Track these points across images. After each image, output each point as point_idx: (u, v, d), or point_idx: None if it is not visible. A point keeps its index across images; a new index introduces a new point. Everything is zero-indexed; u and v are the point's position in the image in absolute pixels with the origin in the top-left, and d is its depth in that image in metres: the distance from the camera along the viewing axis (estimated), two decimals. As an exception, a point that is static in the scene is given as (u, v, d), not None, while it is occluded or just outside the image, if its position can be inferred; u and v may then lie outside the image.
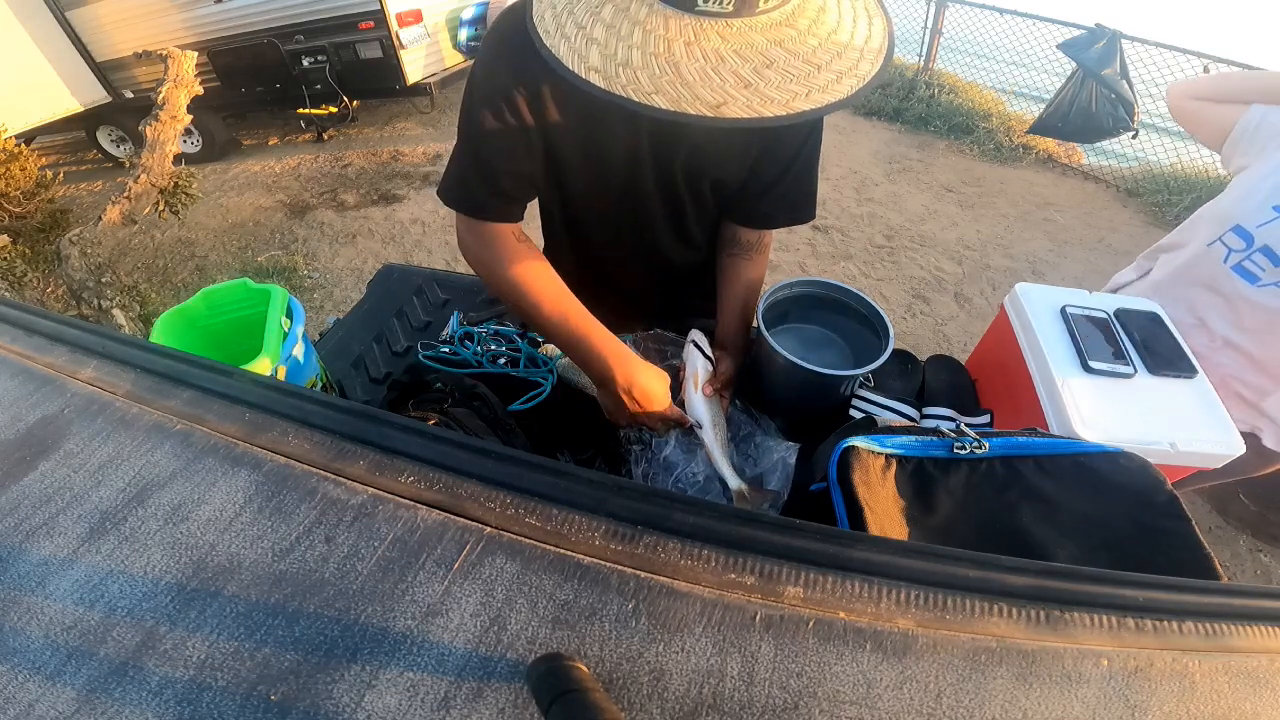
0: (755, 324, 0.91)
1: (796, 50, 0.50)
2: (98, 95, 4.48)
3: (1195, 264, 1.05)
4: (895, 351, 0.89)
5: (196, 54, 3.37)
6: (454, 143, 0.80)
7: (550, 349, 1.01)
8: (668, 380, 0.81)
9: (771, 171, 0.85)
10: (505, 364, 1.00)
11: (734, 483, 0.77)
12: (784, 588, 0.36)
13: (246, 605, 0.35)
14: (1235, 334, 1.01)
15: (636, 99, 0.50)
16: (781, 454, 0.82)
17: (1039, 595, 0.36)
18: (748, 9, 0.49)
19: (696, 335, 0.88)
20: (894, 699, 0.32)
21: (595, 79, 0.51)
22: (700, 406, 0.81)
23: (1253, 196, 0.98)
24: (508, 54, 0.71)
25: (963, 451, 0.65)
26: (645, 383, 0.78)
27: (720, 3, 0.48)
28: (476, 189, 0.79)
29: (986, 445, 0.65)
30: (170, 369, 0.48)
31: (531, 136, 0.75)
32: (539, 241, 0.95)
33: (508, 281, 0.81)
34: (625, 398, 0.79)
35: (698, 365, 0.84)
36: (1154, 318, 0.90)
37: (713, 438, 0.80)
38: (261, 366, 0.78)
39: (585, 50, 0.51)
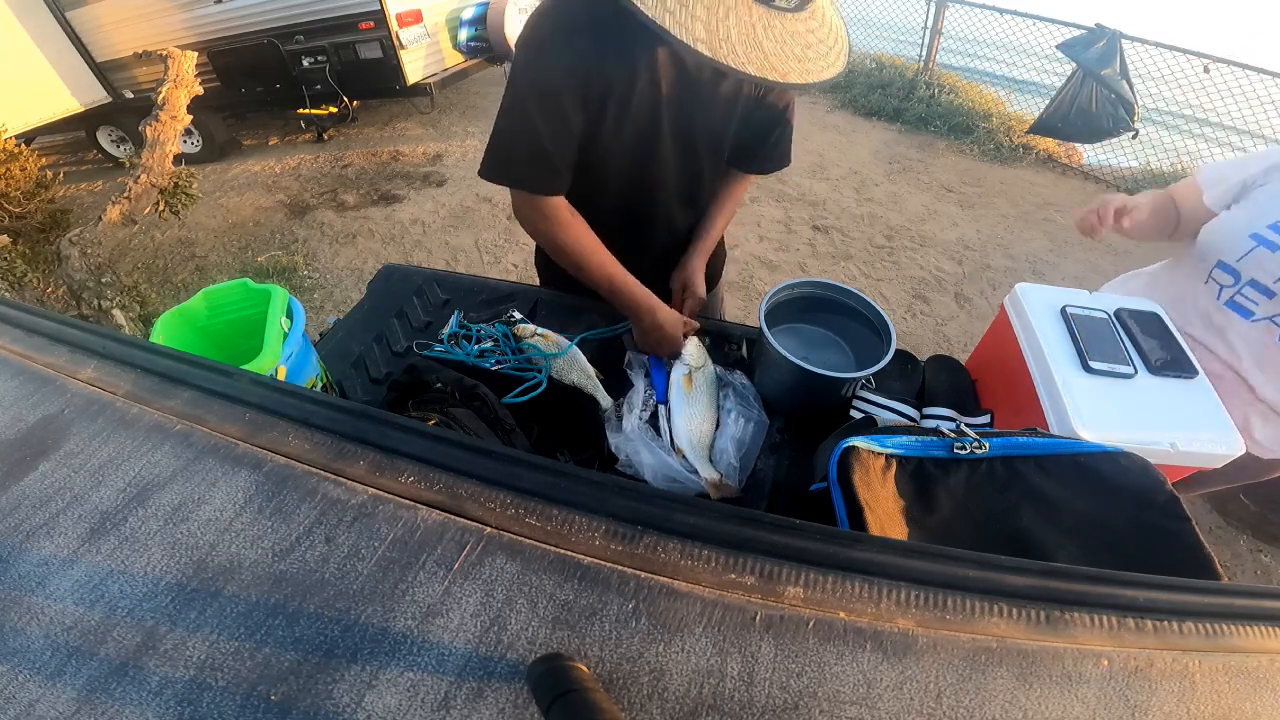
0: (757, 324, 0.91)
1: (821, 37, 0.71)
2: (98, 95, 4.47)
3: (1194, 299, 1.01)
4: (895, 351, 0.89)
5: (196, 54, 3.37)
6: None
7: (547, 348, 1.01)
8: (678, 320, 1.01)
9: (768, 124, 1.04)
10: (496, 362, 1.00)
11: (705, 472, 0.83)
12: (784, 588, 0.36)
13: (247, 605, 0.35)
14: (1238, 365, 0.97)
15: (733, 65, 0.65)
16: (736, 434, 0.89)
17: (1039, 595, 0.36)
18: (798, 6, 0.68)
19: (690, 344, 0.99)
20: (894, 699, 0.32)
21: (700, 48, 0.65)
22: (674, 398, 0.91)
23: (1228, 229, 0.96)
24: (560, 40, 0.83)
25: (963, 451, 0.65)
26: (662, 320, 0.99)
27: (787, 1, 0.67)
28: (528, 167, 0.91)
29: (986, 445, 0.65)
30: (170, 369, 0.48)
31: (574, 118, 0.88)
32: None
33: (562, 247, 0.98)
34: (650, 330, 1.00)
35: (687, 359, 0.95)
36: (1154, 318, 0.90)
37: (681, 425, 0.88)
38: (262, 367, 0.77)
39: (690, 24, 0.65)
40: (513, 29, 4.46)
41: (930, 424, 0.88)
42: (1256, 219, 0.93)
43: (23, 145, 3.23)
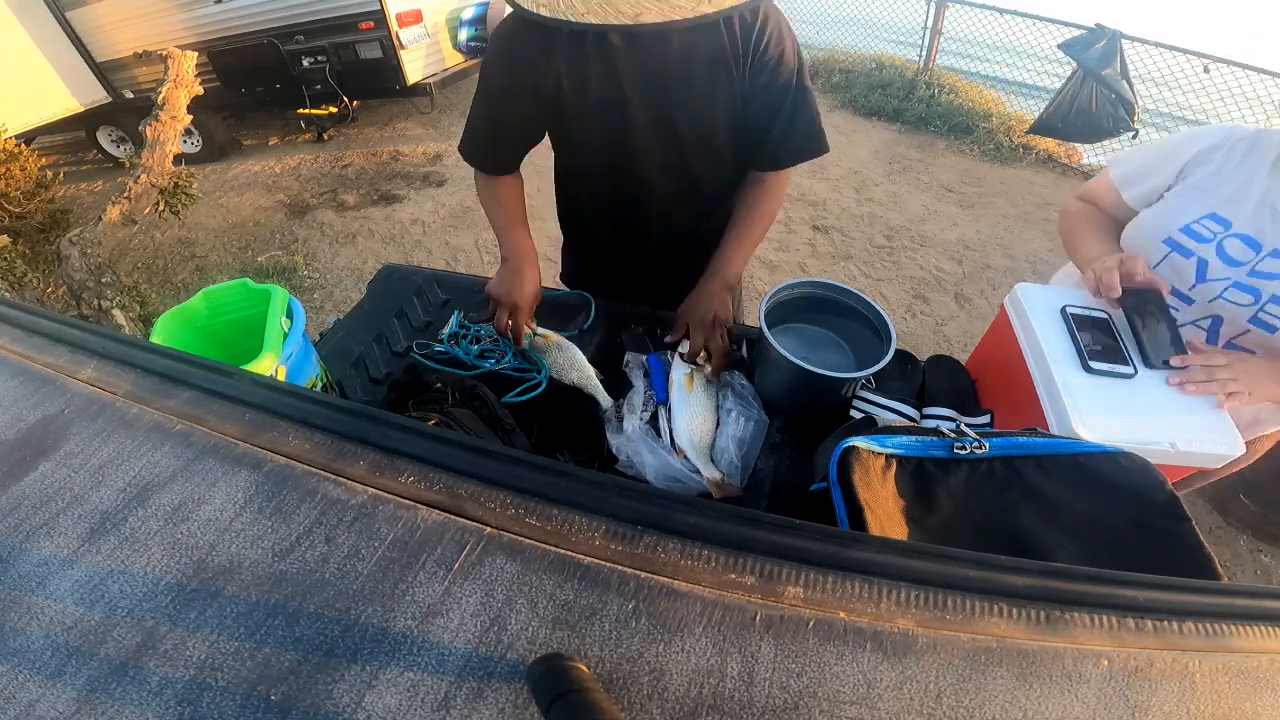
0: (757, 324, 0.91)
1: None
2: (98, 95, 4.47)
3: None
4: (895, 352, 0.89)
5: (196, 54, 3.37)
6: (455, 141, 0.99)
7: (544, 347, 1.01)
8: (526, 293, 1.00)
9: (765, 114, 0.96)
10: (495, 362, 1.00)
11: (707, 471, 0.82)
12: (784, 588, 0.36)
13: (247, 605, 0.35)
14: None
15: (572, 19, 0.63)
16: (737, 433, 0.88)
17: (1039, 595, 0.36)
18: None
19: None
20: (894, 699, 0.32)
21: (542, 11, 0.64)
22: (675, 398, 0.91)
23: (1144, 234, 0.93)
24: (509, 41, 0.89)
25: (963, 451, 0.65)
26: (508, 272, 1.03)
27: None
28: (482, 155, 1.05)
29: (987, 445, 0.65)
30: (170, 369, 0.48)
31: (521, 114, 0.96)
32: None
33: (486, 206, 1.09)
34: (500, 274, 1.04)
35: (680, 365, 0.94)
36: (1155, 318, 0.90)
37: (682, 425, 0.87)
38: (262, 367, 0.77)
39: None
40: (513, 29, 4.46)
41: (930, 424, 0.88)
42: (1169, 223, 0.89)
43: (23, 145, 3.23)
